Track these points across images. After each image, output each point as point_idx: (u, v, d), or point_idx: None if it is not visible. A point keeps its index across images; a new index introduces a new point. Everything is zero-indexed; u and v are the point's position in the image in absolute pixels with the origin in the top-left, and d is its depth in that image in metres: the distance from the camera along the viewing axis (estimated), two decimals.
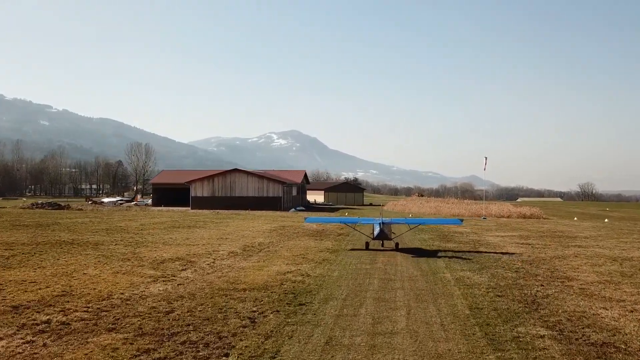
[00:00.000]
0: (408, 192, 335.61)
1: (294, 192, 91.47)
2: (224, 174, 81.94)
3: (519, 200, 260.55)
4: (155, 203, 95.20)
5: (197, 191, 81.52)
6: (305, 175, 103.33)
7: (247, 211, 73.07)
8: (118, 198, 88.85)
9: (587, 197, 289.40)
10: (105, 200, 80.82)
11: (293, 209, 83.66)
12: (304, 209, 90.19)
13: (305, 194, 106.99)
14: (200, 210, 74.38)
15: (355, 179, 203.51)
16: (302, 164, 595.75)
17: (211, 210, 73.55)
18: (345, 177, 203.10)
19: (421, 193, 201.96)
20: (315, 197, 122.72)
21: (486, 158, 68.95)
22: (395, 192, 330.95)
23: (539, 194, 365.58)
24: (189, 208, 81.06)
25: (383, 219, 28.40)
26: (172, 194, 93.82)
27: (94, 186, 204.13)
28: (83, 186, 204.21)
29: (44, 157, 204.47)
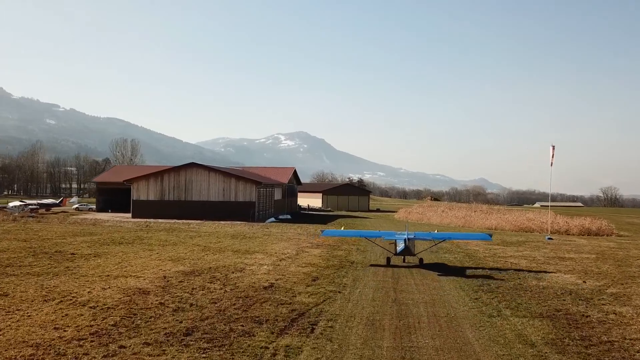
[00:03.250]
0: (418, 194, 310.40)
1: (277, 195, 67.90)
2: (177, 170, 58.56)
3: (536, 205, 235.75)
4: (101, 207, 72.14)
5: (140, 193, 58.25)
6: (295, 173, 79.69)
7: (200, 222, 49.66)
8: (34, 202, 66.18)
9: (609, 202, 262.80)
10: (10, 205, 58.48)
11: (272, 219, 60.03)
12: (289, 217, 66.57)
13: (296, 197, 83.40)
14: (134, 220, 51.01)
15: (360, 180, 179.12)
16: (309, 165, 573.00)
17: (145, 221, 50.15)
18: (349, 178, 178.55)
19: (435, 197, 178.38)
20: (311, 201, 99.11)
21: (553, 147, 45.17)
22: (404, 194, 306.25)
23: (552, 197, 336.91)
24: (130, 216, 57.89)
25: (408, 234, 24.18)
26: (124, 196, 70.45)
27: (75, 185, 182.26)
28: (63, 185, 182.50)
29: (20, 153, 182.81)
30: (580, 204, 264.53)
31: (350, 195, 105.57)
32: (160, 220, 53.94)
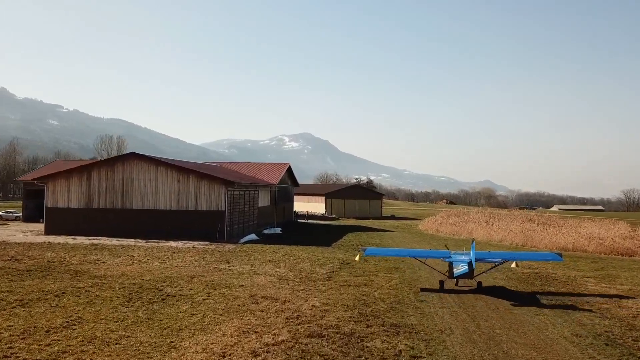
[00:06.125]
0: (426, 197, 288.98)
1: (263, 201, 48.36)
2: (111, 164, 39.06)
3: (554, 208, 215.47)
4: (29, 215, 53.11)
5: (57, 197, 38.85)
6: (290, 171, 60.01)
7: (131, 245, 30.17)
8: None
9: (632, 206, 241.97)
10: None
11: (251, 235, 40.37)
12: (279, 231, 46.97)
13: (292, 201, 63.77)
14: (29, 241, 31.47)
15: (370, 181, 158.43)
16: (313, 166, 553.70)
17: (44, 243, 30.41)
18: (356, 179, 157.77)
19: (451, 200, 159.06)
20: (311, 206, 79.51)
21: None
22: (411, 197, 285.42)
23: (562, 200, 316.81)
24: (43, 231, 38.53)
25: (479, 254, 20.24)
26: None
27: None
28: None
29: None
30: (600, 208, 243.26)
31: (359, 199, 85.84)
32: (79, 238, 34.94)
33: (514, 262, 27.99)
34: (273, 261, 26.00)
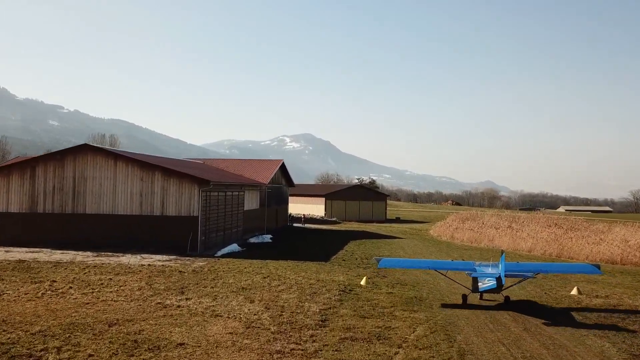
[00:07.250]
0: (429, 197, 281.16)
1: (251, 203, 40.93)
2: (60, 158, 31.61)
3: (560, 209, 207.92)
4: None
5: None
6: (284, 169, 52.55)
7: (73, 262, 22.91)
8: None
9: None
10: None
11: (233, 246, 32.83)
12: (269, 239, 39.54)
13: (286, 203, 56.32)
14: None
15: (373, 181, 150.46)
16: (314, 167, 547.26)
17: None
18: (358, 179, 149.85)
19: (457, 202, 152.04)
20: (309, 208, 72.12)
21: None
22: (413, 197, 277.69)
23: (565, 201, 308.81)
24: None
25: (506, 265, 17.22)
26: None
27: None
28: None
29: None
30: (608, 209, 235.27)
31: (362, 200, 78.41)
32: (14, 251, 27.92)
33: (575, 288, 20.83)
34: (247, 289, 18.60)
